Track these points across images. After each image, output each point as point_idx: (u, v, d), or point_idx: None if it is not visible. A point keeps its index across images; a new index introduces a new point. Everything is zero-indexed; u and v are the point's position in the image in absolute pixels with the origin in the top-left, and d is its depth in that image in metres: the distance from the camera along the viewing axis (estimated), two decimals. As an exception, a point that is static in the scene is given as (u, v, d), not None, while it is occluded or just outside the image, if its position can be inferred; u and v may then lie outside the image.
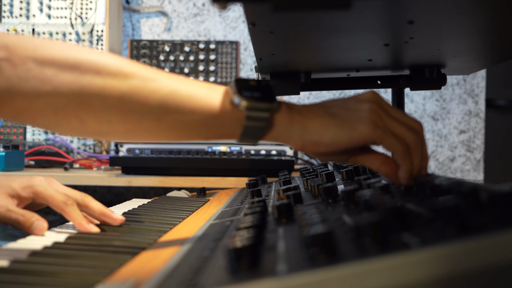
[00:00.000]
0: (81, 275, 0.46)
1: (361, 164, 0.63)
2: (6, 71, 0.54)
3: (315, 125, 0.58)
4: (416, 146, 0.58)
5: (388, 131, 0.57)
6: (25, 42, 0.56)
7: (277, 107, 0.58)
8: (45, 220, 0.70)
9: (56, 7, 1.70)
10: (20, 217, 0.69)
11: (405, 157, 0.57)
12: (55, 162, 1.51)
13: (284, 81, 0.89)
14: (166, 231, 0.68)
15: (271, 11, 0.44)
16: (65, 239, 0.62)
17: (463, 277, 0.29)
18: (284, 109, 0.58)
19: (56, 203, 0.71)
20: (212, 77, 1.83)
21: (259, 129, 0.57)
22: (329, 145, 0.57)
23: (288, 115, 0.58)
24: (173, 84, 0.57)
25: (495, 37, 0.72)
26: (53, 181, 0.76)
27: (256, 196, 0.78)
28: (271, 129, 0.58)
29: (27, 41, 0.57)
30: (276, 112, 0.58)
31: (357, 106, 0.58)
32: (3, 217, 0.71)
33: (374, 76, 0.95)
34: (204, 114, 0.56)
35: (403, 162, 0.57)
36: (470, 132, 1.88)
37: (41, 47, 0.56)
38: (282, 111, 0.58)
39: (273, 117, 0.57)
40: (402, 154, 0.57)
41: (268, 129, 0.58)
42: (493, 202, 0.38)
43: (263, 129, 0.57)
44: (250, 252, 0.37)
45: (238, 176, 1.27)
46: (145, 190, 1.83)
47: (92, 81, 0.55)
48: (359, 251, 0.34)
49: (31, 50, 0.55)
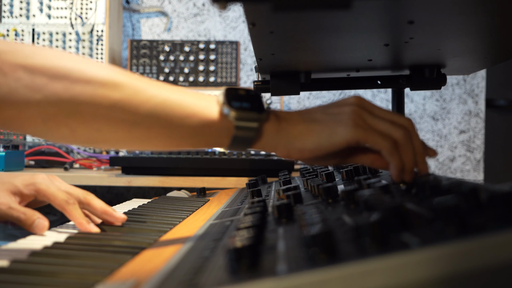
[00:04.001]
0: (81, 275, 0.46)
1: (357, 163, 0.64)
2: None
3: (297, 132, 0.58)
4: (404, 141, 0.58)
5: (371, 130, 0.57)
6: (16, 50, 0.55)
7: (265, 117, 0.58)
8: (46, 219, 0.70)
9: (56, 7, 1.70)
10: (22, 215, 0.69)
11: (393, 154, 0.57)
12: (55, 162, 1.51)
13: (284, 81, 0.89)
14: (166, 231, 0.68)
15: (271, 11, 0.44)
16: (65, 239, 0.62)
17: (463, 277, 0.29)
18: (273, 118, 0.59)
19: (58, 201, 0.71)
20: (212, 77, 1.83)
21: (248, 139, 0.58)
22: (312, 151, 0.58)
23: (276, 124, 0.59)
24: (163, 94, 0.57)
25: (495, 37, 0.72)
26: (55, 178, 0.76)
27: (256, 196, 0.78)
28: (260, 138, 0.58)
29: (18, 48, 0.56)
30: (264, 122, 0.58)
31: (338, 110, 0.59)
32: (5, 214, 0.71)
33: (374, 76, 0.95)
34: (193, 123, 0.57)
35: (391, 158, 0.57)
36: (470, 132, 1.88)
37: (32, 55, 0.55)
38: (271, 121, 0.59)
39: (262, 127, 0.58)
40: (389, 151, 0.57)
41: (256, 138, 0.58)
42: (493, 202, 0.38)
43: (252, 138, 0.58)
44: (250, 252, 0.37)
45: (238, 176, 1.27)
46: (145, 190, 1.83)
47: (82, 90, 0.55)
48: (359, 251, 0.34)
49: (22, 58, 0.54)
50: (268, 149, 0.60)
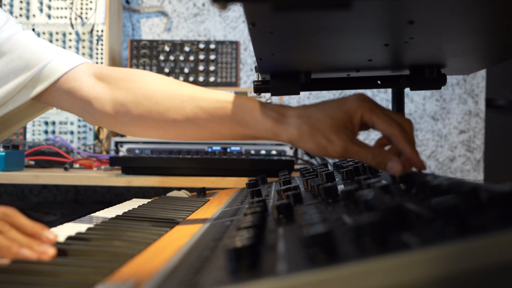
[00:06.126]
0: (81, 275, 0.46)
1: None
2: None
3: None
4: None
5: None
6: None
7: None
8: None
9: (56, 7, 1.70)
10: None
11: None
12: (55, 162, 1.51)
13: (284, 81, 0.88)
14: (166, 231, 0.68)
15: (271, 11, 0.44)
16: (64, 239, 0.62)
17: (463, 277, 0.29)
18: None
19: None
20: (212, 77, 1.83)
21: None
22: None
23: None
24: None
25: (495, 37, 0.72)
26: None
27: (256, 196, 0.78)
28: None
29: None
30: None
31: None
32: None
33: (374, 76, 0.95)
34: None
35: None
36: (470, 132, 1.88)
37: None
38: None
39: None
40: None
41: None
42: (493, 202, 0.38)
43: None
44: (250, 252, 0.37)
45: (238, 176, 1.27)
46: (145, 190, 1.83)
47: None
48: (359, 251, 0.34)
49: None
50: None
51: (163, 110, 0.76)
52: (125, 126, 0.81)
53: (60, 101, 0.84)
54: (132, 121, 0.79)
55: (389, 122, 0.63)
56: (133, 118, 0.78)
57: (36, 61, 0.83)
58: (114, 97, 0.79)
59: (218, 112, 0.72)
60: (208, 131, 0.75)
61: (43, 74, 0.83)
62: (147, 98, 0.77)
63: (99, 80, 0.81)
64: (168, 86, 0.78)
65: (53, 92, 0.84)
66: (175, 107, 0.75)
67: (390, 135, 0.63)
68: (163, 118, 0.76)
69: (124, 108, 0.78)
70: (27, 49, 0.85)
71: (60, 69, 0.83)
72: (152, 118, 0.77)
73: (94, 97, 0.80)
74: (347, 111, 0.65)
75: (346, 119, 0.65)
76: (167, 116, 0.76)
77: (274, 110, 0.69)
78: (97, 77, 0.82)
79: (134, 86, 0.79)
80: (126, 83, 0.80)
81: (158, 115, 0.76)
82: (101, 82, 0.81)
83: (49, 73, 0.83)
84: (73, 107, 0.84)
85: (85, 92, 0.81)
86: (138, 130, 0.80)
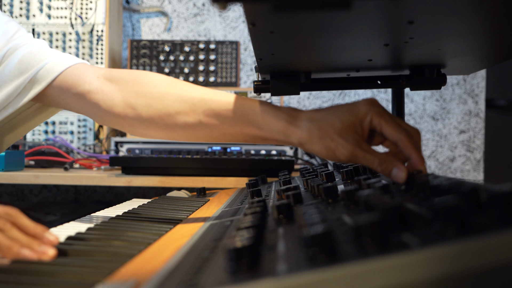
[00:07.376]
0: (81, 275, 0.46)
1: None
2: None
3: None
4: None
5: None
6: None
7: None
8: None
9: (56, 7, 1.70)
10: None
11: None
12: (55, 162, 1.51)
13: (284, 81, 0.88)
14: (166, 231, 0.68)
15: (271, 11, 0.44)
16: (64, 239, 0.62)
17: (463, 277, 0.29)
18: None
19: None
20: (212, 77, 1.83)
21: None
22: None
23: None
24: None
25: (495, 37, 0.72)
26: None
27: (256, 196, 0.78)
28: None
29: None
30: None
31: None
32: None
33: (374, 76, 0.95)
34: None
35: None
36: (470, 132, 1.88)
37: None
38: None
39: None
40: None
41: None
42: (493, 202, 0.38)
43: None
44: (250, 252, 0.37)
45: (238, 176, 1.27)
46: (145, 190, 1.83)
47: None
48: (359, 251, 0.34)
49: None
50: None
51: (173, 113, 0.76)
52: (135, 128, 0.81)
53: (68, 103, 0.85)
54: (142, 124, 0.79)
55: (397, 127, 0.64)
56: (142, 120, 0.78)
57: (34, 63, 0.84)
58: (124, 99, 0.79)
59: (230, 114, 0.72)
60: (219, 132, 0.75)
61: (40, 75, 0.83)
62: (158, 101, 0.77)
63: (108, 82, 0.81)
64: (179, 88, 0.78)
65: (54, 93, 0.84)
66: (186, 110, 0.75)
67: (397, 141, 0.64)
68: (174, 120, 0.76)
69: (134, 110, 0.78)
70: (29, 53, 0.85)
71: (57, 69, 0.83)
72: (163, 120, 0.77)
73: (103, 99, 0.80)
74: (356, 114, 0.66)
75: (356, 123, 0.66)
76: (178, 119, 0.76)
77: (286, 113, 0.70)
78: (106, 79, 0.82)
79: (144, 89, 0.79)
80: (136, 86, 0.79)
81: (168, 117, 0.76)
82: (110, 84, 0.81)
83: (45, 74, 0.83)
84: (82, 109, 0.84)
85: (94, 95, 0.81)
86: (148, 131, 0.80)
